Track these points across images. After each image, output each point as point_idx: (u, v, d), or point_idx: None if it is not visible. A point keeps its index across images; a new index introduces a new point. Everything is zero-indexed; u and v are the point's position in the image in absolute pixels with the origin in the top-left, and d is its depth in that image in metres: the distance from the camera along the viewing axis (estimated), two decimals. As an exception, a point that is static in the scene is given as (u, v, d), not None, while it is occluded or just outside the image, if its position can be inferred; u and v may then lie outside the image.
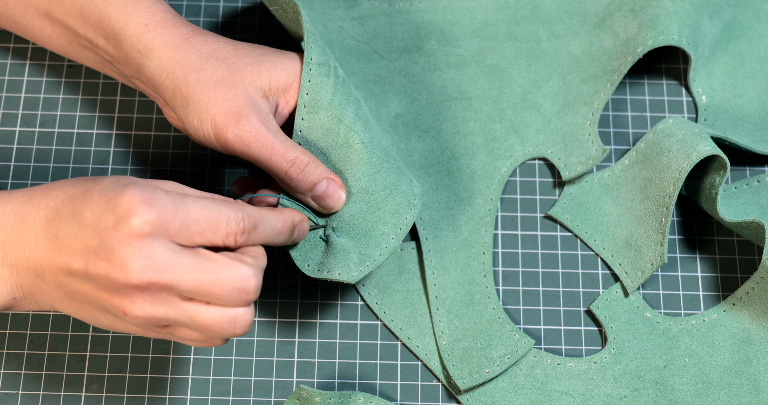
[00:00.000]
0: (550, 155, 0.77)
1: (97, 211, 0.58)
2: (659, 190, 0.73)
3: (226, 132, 0.66)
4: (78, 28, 0.70)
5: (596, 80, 0.78)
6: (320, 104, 0.67)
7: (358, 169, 0.68)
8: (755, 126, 0.78)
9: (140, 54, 0.68)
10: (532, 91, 0.79)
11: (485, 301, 0.73)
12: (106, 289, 0.59)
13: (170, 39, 0.67)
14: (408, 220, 0.69)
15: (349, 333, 0.73)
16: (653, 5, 0.76)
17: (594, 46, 0.79)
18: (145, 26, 0.68)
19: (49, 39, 0.73)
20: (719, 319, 0.73)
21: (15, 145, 0.78)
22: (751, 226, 0.71)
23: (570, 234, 0.76)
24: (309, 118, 0.68)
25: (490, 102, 0.79)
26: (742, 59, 0.80)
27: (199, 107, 0.66)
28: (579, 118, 0.77)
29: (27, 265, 0.60)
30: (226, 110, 0.66)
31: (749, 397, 0.70)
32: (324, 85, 0.67)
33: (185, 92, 0.67)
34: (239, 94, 0.66)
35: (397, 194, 0.69)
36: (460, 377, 0.70)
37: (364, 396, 0.70)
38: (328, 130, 0.68)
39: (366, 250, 0.68)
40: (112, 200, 0.58)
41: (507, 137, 0.78)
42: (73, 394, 0.71)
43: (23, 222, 0.60)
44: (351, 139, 0.68)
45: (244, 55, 0.68)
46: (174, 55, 0.67)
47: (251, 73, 0.67)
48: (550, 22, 0.80)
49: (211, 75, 0.66)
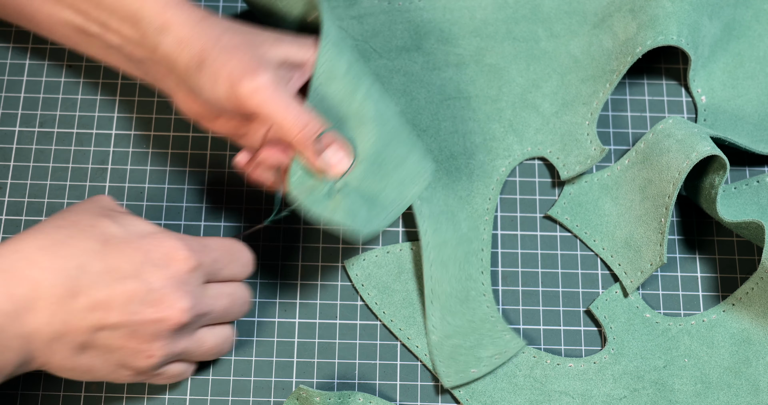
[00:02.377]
0: (548, 155, 0.77)
1: (136, 262, 0.62)
2: (659, 190, 0.73)
3: (242, 86, 0.65)
4: (90, 12, 0.70)
5: (595, 80, 0.78)
6: (337, 72, 0.68)
7: (369, 137, 0.68)
8: (755, 126, 0.78)
9: (157, 31, 0.68)
10: (531, 90, 0.79)
11: (480, 299, 0.73)
12: (139, 336, 0.63)
13: (188, 17, 0.68)
14: (414, 192, 0.69)
15: (348, 333, 0.73)
16: (652, 5, 0.76)
17: (593, 46, 0.79)
18: (163, 5, 0.68)
19: (54, 27, 0.73)
20: (719, 320, 0.73)
21: (14, 145, 0.78)
22: (751, 226, 0.71)
23: (569, 234, 0.76)
24: (326, 84, 0.68)
25: (489, 101, 0.79)
26: (742, 59, 0.80)
27: (216, 65, 0.66)
28: (578, 117, 0.77)
29: (44, 331, 0.61)
30: (244, 64, 0.66)
31: (749, 398, 0.70)
32: (342, 55, 0.68)
33: (202, 56, 0.66)
34: (256, 56, 0.67)
35: (406, 166, 0.69)
36: (446, 375, 0.70)
37: (363, 396, 0.70)
38: (342, 97, 0.68)
39: (373, 214, 0.68)
40: (151, 251, 0.63)
41: (505, 137, 0.78)
42: (73, 394, 0.71)
43: (37, 288, 0.61)
44: (364, 109, 0.68)
45: (260, 32, 0.69)
46: (193, 29, 0.67)
47: (269, 45, 0.68)
48: (549, 22, 0.81)
49: (229, 40, 0.67)
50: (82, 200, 0.68)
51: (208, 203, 0.76)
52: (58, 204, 0.76)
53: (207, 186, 0.77)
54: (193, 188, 0.77)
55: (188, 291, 0.64)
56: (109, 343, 0.63)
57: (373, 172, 0.68)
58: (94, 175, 0.77)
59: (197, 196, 0.76)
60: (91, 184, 0.76)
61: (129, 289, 0.62)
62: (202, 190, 0.77)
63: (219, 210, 0.76)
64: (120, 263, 0.62)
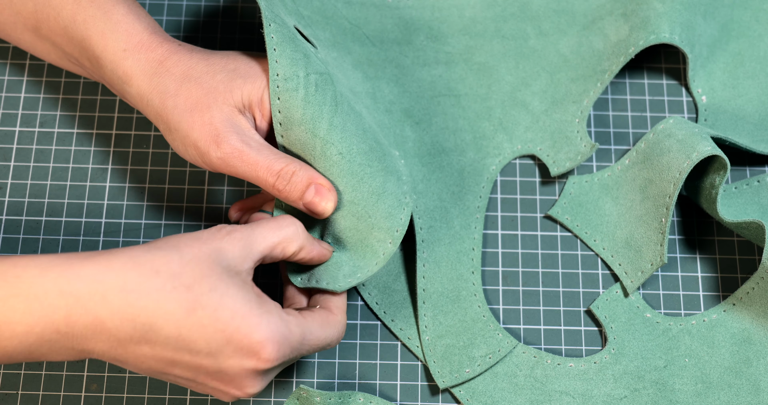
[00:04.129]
0: (538, 152, 0.77)
1: (214, 345, 0.58)
2: (659, 190, 0.73)
3: (210, 156, 0.66)
4: (64, 47, 0.71)
5: (585, 79, 0.78)
6: (293, 120, 0.67)
7: (340, 181, 0.67)
8: (755, 126, 0.78)
9: (120, 81, 0.68)
10: (521, 88, 0.79)
11: (471, 299, 0.73)
12: (217, 381, 0.61)
13: (146, 64, 0.67)
14: (403, 220, 0.68)
15: (349, 333, 0.73)
16: (644, 8, 0.76)
17: (583, 47, 0.79)
18: (123, 52, 0.67)
19: (42, 53, 0.73)
20: (719, 320, 0.73)
21: (15, 145, 0.78)
22: (751, 226, 0.71)
23: (570, 234, 0.76)
24: (286, 135, 0.67)
25: (479, 99, 0.79)
26: (742, 59, 0.80)
27: (181, 134, 0.67)
28: (568, 115, 0.77)
29: (103, 355, 0.60)
30: (205, 135, 0.66)
31: (749, 398, 0.70)
32: (293, 101, 0.67)
33: (165, 119, 0.67)
34: (216, 115, 0.66)
35: (386, 197, 0.68)
36: (440, 376, 0.70)
37: (364, 396, 0.70)
38: (305, 144, 0.67)
39: (360, 261, 0.68)
40: (236, 339, 0.59)
41: (495, 135, 0.78)
42: (73, 394, 0.71)
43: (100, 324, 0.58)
44: (328, 151, 0.67)
45: (215, 72, 0.67)
46: (151, 82, 0.67)
47: (224, 91, 0.67)
48: (538, 20, 0.81)
49: (186, 99, 0.66)
50: (214, 229, 0.62)
51: (209, 203, 0.76)
52: (58, 204, 0.76)
53: (207, 186, 0.77)
54: (193, 188, 0.77)
55: (263, 379, 0.61)
56: (184, 378, 0.61)
57: (355, 215, 0.67)
58: (94, 175, 0.77)
59: (198, 197, 0.76)
60: (91, 184, 0.76)
61: (197, 361, 0.59)
62: (203, 190, 0.76)
63: (219, 210, 0.76)
64: (196, 339, 0.58)
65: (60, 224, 0.75)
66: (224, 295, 0.58)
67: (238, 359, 0.59)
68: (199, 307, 0.58)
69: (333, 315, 0.65)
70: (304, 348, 0.62)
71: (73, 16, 0.68)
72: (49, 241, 0.75)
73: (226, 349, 0.58)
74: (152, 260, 0.58)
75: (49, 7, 0.69)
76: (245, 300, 0.59)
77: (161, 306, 0.57)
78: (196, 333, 0.58)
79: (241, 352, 0.59)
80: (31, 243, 0.75)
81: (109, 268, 0.57)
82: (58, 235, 0.75)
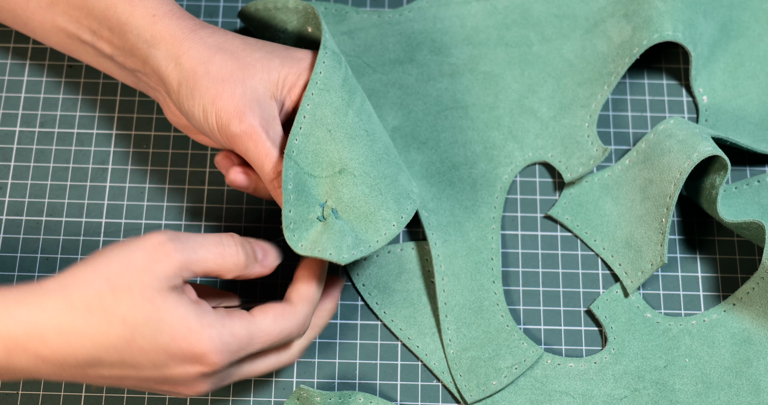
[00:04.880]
0: (550, 159, 0.77)
1: (158, 362, 0.59)
2: (660, 190, 0.73)
3: (229, 128, 0.66)
4: (82, 20, 0.70)
5: (592, 83, 0.78)
6: (332, 85, 0.67)
7: (361, 152, 0.67)
8: (756, 126, 0.78)
9: (147, 44, 0.67)
10: (528, 96, 0.79)
11: (494, 309, 0.73)
12: (167, 386, 0.62)
13: (178, 30, 0.67)
14: (409, 210, 0.68)
15: (349, 333, 0.73)
16: (645, 8, 0.76)
17: (587, 51, 0.79)
18: (152, 17, 0.67)
19: (48, 33, 0.73)
20: (719, 320, 0.73)
21: (15, 145, 0.78)
22: (752, 226, 0.71)
23: (570, 234, 0.76)
24: (319, 95, 0.67)
25: (486, 109, 0.78)
26: (742, 59, 0.80)
27: (206, 100, 0.66)
28: (577, 120, 0.77)
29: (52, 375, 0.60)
30: (231, 107, 0.65)
31: (749, 398, 0.70)
32: (337, 70, 0.67)
33: (192, 84, 0.66)
34: (247, 92, 0.66)
35: (398, 185, 0.68)
36: (468, 389, 0.70)
37: (364, 396, 0.70)
38: (337, 109, 0.67)
39: (364, 235, 0.66)
40: (178, 353, 0.59)
41: (506, 144, 0.77)
42: (73, 394, 0.71)
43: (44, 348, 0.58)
44: (357, 124, 0.67)
45: (253, 49, 0.68)
46: (182, 46, 0.67)
47: (260, 69, 0.67)
48: (540, 26, 0.80)
49: (219, 68, 0.66)
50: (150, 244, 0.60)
51: (209, 203, 0.76)
52: (58, 204, 0.76)
53: (207, 186, 0.77)
54: (193, 188, 0.76)
55: (213, 379, 0.61)
56: (136, 387, 0.62)
57: (368, 186, 0.67)
58: (94, 175, 0.77)
59: (198, 197, 0.76)
60: (91, 184, 0.76)
61: (144, 374, 0.60)
62: (203, 190, 0.76)
63: (219, 210, 0.76)
64: (139, 360, 0.59)
65: (60, 224, 0.75)
66: (161, 321, 0.58)
67: (182, 368, 0.60)
68: (137, 335, 0.58)
69: (291, 306, 0.64)
70: (256, 345, 0.62)
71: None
72: (49, 241, 0.75)
73: (170, 362, 0.59)
74: (83, 297, 0.58)
75: None
76: (183, 318, 0.59)
77: (99, 341, 0.58)
78: (138, 356, 0.59)
79: (185, 361, 0.59)
80: (31, 243, 0.75)
81: (43, 310, 0.57)
82: (58, 235, 0.75)
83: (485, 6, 0.81)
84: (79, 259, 0.74)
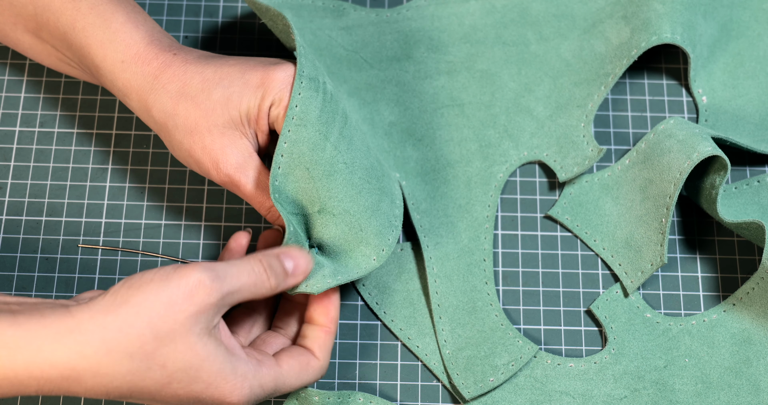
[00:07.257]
0: (545, 158, 0.77)
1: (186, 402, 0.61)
2: (660, 190, 0.73)
3: (211, 176, 0.68)
4: (64, 52, 0.71)
5: (589, 83, 0.78)
6: (308, 118, 0.66)
7: (340, 189, 0.67)
8: (756, 126, 0.78)
9: (121, 93, 0.69)
10: (524, 95, 0.79)
11: (487, 309, 0.73)
12: None
13: (143, 79, 0.67)
14: (390, 241, 0.68)
15: (349, 333, 0.73)
16: (644, 10, 0.76)
17: (585, 51, 0.79)
18: (121, 64, 0.68)
19: (41, 55, 0.73)
20: (719, 320, 0.73)
21: (15, 145, 0.78)
22: (751, 226, 0.71)
23: (570, 234, 0.76)
24: (296, 131, 0.66)
25: (483, 107, 0.78)
26: (742, 59, 0.80)
27: (183, 153, 0.68)
28: (573, 120, 0.77)
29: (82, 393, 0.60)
30: (206, 159, 0.67)
31: (749, 398, 0.70)
32: (313, 100, 0.66)
33: (168, 137, 0.68)
34: (216, 140, 0.67)
35: (379, 215, 0.68)
36: (465, 387, 0.70)
37: (363, 396, 0.70)
38: (315, 145, 0.66)
39: (342, 269, 0.67)
40: (206, 397, 0.60)
41: (501, 142, 0.77)
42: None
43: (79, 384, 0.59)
44: (334, 158, 0.67)
45: (211, 89, 0.67)
46: (149, 98, 0.68)
47: (221, 113, 0.67)
48: (538, 25, 0.80)
49: (185, 121, 0.67)
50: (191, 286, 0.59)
51: (209, 203, 0.76)
52: (58, 204, 0.76)
53: (207, 186, 0.77)
54: (193, 188, 0.77)
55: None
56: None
57: (348, 225, 0.67)
58: (94, 175, 0.77)
59: (198, 197, 0.76)
60: (91, 184, 0.76)
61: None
62: (203, 190, 0.76)
63: (219, 210, 0.76)
64: (170, 401, 0.60)
65: (60, 224, 0.75)
66: (199, 370, 0.59)
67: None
68: (174, 381, 0.59)
69: (315, 360, 0.66)
70: (278, 394, 0.64)
71: (73, 23, 0.68)
72: (49, 241, 0.75)
73: (197, 401, 0.61)
74: (124, 343, 0.57)
75: (49, 12, 0.69)
76: (219, 370, 0.60)
77: (136, 384, 0.58)
78: (170, 398, 0.60)
79: (210, 400, 0.61)
80: (31, 243, 0.75)
81: (83, 357, 0.57)
82: (58, 235, 0.75)
83: (483, 4, 0.81)
84: (79, 259, 0.74)
